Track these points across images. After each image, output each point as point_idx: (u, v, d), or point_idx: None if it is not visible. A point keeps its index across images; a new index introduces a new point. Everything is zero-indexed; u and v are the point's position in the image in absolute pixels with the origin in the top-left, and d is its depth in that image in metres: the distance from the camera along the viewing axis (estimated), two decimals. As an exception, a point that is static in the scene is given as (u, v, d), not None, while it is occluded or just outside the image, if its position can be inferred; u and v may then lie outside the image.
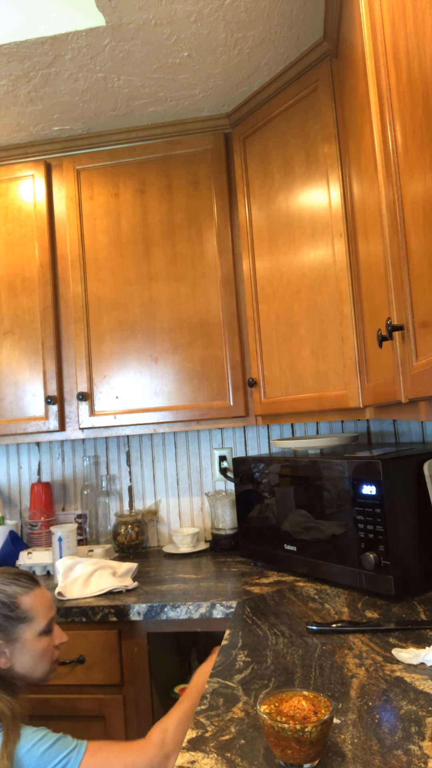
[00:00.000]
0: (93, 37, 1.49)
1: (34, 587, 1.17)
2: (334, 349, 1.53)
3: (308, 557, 1.52)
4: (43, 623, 1.14)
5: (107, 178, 1.93)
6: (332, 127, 1.52)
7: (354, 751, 0.77)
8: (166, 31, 1.49)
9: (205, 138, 1.89)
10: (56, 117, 1.85)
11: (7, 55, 1.54)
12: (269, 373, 1.74)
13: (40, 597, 1.17)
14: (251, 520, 1.71)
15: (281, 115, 1.69)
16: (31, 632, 1.12)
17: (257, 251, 1.78)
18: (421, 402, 0.85)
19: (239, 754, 0.79)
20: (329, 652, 1.08)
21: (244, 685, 0.98)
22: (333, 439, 1.66)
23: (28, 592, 1.15)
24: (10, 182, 1.98)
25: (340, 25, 1.36)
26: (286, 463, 1.60)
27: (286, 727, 0.73)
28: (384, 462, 1.33)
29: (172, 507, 2.14)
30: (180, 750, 0.92)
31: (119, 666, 1.46)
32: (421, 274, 0.74)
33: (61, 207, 1.96)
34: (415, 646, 1.07)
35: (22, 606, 1.12)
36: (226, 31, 1.51)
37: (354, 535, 1.38)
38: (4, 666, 1.09)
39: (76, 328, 1.90)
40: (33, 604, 1.14)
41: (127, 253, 1.90)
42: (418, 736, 0.79)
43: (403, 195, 0.81)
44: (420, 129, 0.69)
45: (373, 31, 0.95)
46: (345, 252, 1.49)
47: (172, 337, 1.86)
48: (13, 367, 1.93)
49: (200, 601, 1.44)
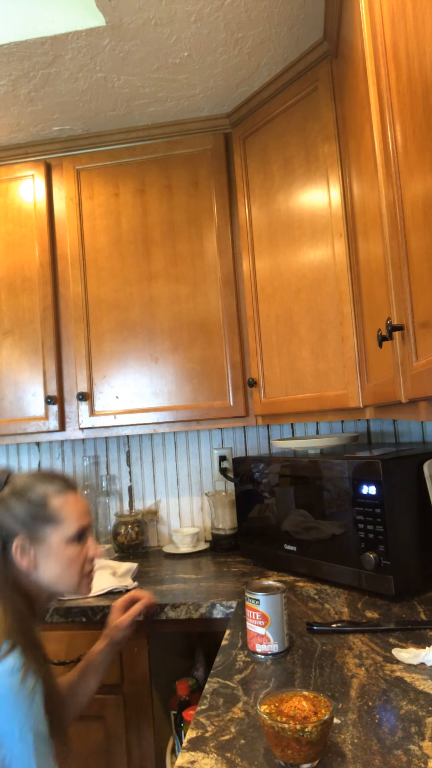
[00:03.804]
0: (93, 37, 1.49)
1: (68, 491, 1.10)
2: (334, 349, 1.53)
3: (308, 557, 1.52)
4: (72, 529, 1.07)
5: (107, 178, 1.93)
6: (332, 127, 1.52)
7: (354, 751, 0.77)
8: (166, 31, 1.49)
9: (205, 138, 1.89)
10: (56, 117, 1.85)
11: (7, 55, 1.54)
12: (269, 373, 1.74)
13: (73, 501, 1.10)
14: (251, 520, 1.71)
15: (281, 115, 1.69)
16: (59, 536, 1.05)
17: (257, 251, 1.78)
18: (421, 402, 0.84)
19: (239, 754, 0.79)
20: (329, 652, 1.08)
21: (244, 685, 0.98)
22: (333, 439, 1.66)
23: (60, 494, 1.08)
24: (10, 182, 1.98)
25: (340, 25, 1.36)
26: (286, 463, 1.60)
27: (286, 727, 0.73)
28: (384, 462, 1.33)
29: (172, 507, 2.14)
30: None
31: (119, 666, 1.46)
32: (421, 274, 0.74)
33: (61, 207, 1.96)
34: (415, 646, 1.07)
35: (50, 506, 1.06)
36: (226, 31, 1.51)
37: (354, 535, 1.38)
38: (29, 567, 1.03)
39: (76, 328, 1.90)
40: (63, 507, 1.07)
41: (127, 253, 1.90)
42: (418, 736, 0.79)
43: (403, 195, 0.81)
44: (420, 129, 0.69)
45: (373, 31, 0.95)
46: (345, 252, 1.49)
47: (172, 337, 1.86)
48: (13, 367, 1.93)
49: (200, 601, 1.44)
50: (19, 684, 0.87)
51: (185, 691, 1.54)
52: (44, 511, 1.05)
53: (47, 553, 1.05)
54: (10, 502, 1.05)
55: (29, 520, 1.04)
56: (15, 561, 1.03)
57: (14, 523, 1.03)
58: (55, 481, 1.10)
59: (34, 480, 1.09)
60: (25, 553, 1.03)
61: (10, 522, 1.03)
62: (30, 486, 1.07)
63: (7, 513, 1.04)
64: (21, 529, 1.03)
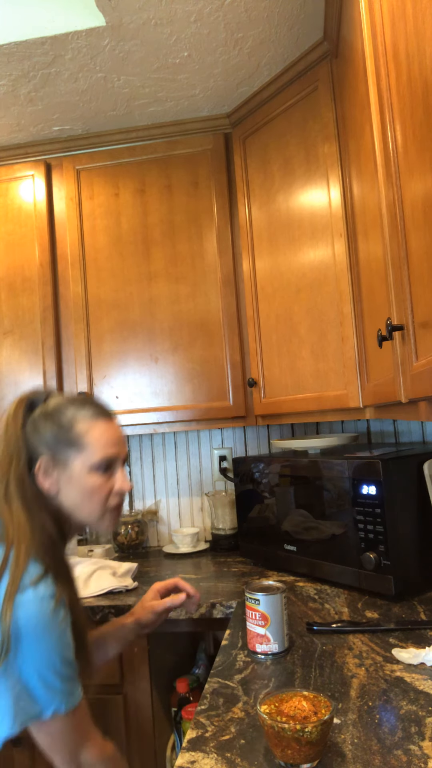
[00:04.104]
0: (93, 37, 1.49)
1: (100, 418, 1.05)
2: (334, 349, 1.53)
3: (308, 557, 1.52)
4: (96, 457, 1.02)
5: (107, 178, 1.93)
6: (332, 127, 1.52)
7: (354, 751, 0.77)
8: (166, 31, 1.49)
9: (205, 138, 1.89)
10: (56, 117, 1.85)
11: (7, 55, 1.54)
12: (269, 373, 1.74)
13: (103, 428, 1.04)
14: (251, 520, 1.71)
15: (281, 115, 1.69)
16: (81, 463, 1.01)
17: (257, 251, 1.78)
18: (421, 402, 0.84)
19: (239, 754, 0.79)
20: (329, 652, 1.08)
21: (244, 685, 0.98)
22: (333, 439, 1.66)
23: (89, 419, 1.03)
24: (10, 182, 1.98)
25: (340, 25, 1.36)
26: (286, 463, 1.60)
27: (286, 727, 0.73)
28: (384, 462, 1.33)
29: (172, 507, 2.14)
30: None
31: (119, 666, 1.46)
32: (421, 274, 0.74)
33: (61, 207, 1.96)
34: (415, 646, 1.07)
35: (76, 430, 1.02)
36: (226, 31, 1.51)
37: (354, 535, 1.38)
38: (51, 489, 1.01)
39: (76, 328, 1.90)
40: (89, 432, 1.02)
41: (127, 253, 1.90)
42: (418, 736, 0.79)
43: (403, 195, 0.81)
44: (420, 129, 0.69)
45: (373, 31, 0.95)
46: (345, 252, 1.49)
47: (172, 337, 1.86)
48: (13, 367, 1.93)
49: (200, 601, 1.44)
50: (51, 612, 0.87)
51: (185, 689, 1.54)
52: (69, 434, 1.01)
53: (69, 478, 1.01)
54: (40, 422, 1.03)
55: (53, 442, 1.01)
56: (38, 482, 1.01)
57: (40, 443, 1.01)
58: (87, 406, 1.05)
59: (67, 402, 1.05)
60: (47, 475, 1.01)
61: (36, 442, 1.01)
62: (61, 408, 1.04)
63: (35, 432, 1.02)
64: (45, 450, 1.01)
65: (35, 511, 0.97)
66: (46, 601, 0.88)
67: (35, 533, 0.95)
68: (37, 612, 0.87)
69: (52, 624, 0.87)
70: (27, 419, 1.04)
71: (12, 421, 1.03)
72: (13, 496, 0.97)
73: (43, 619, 0.87)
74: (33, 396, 1.07)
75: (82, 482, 1.01)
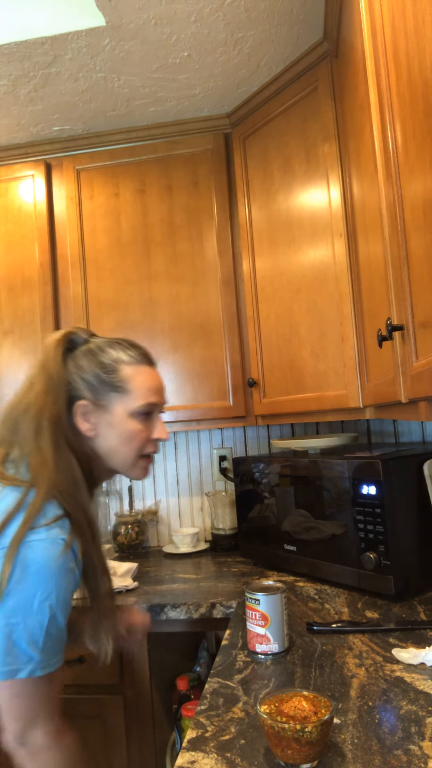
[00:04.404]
0: (93, 37, 1.49)
1: (143, 364, 1.03)
2: (334, 349, 1.53)
3: (308, 557, 1.52)
4: (138, 402, 1.00)
5: (107, 178, 1.93)
6: (332, 127, 1.52)
7: (354, 751, 0.77)
8: (166, 31, 1.49)
9: (205, 138, 1.89)
10: (56, 117, 1.85)
11: (7, 55, 1.54)
12: (269, 373, 1.74)
13: (146, 375, 1.03)
14: (251, 520, 1.71)
15: (281, 115, 1.69)
16: (123, 407, 0.99)
17: (257, 251, 1.78)
18: (421, 402, 0.84)
19: (239, 754, 0.79)
20: (329, 652, 1.08)
21: (244, 685, 0.98)
22: (333, 439, 1.66)
23: (134, 364, 1.02)
24: (10, 182, 1.97)
25: (340, 25, 1.36)
26: (286, 463, 1.60)
27: (286, 727, 0.73)
28: (384, 462, 1.33)
29: (172, 507, 2.14)
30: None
31: (119, 666, 1.46)
32: (421, 274, 0.74)
33: (61, 207, 1.96)
34: (415, 646, 1.07)
35: (119, 373, 1.00)
36: (226, 31, 1.51)
37: (354, 535, 1.38)
38: (88, 432, 0.99)
39: (76, 328, 1.90)
40: (133, 377, 1.00)
41: (128, 253, 1.90)
42: (418, 736, 0.79)
43: (403, 195, 0.81)
44: (420, 129, 0.69)
45: (373, 31, 0.95)
46: (345, 252, 1.49)
47: (172, 337, 1.86)
48: (13, 367, 1.93)
49: (200, 601, 1.44)
50: (57, 556, 0.83)
51: (185, 687, 1.54)
52: (112, 377, 0.99)
53: (108, 422, 0.99)
54: (82, 362, 1.00)
55: (96, 384, 0.99)
56: (76, 423, 0.98)
57: (82, 383, 0.99)
58: (132, 350, 1.03)
59: (111, 344, 1.03)
60: (86, 417, 0.99)
61: (78, 381, 0.99)
62: (106, 348, 1.02)
63: (77, 372, 0.99)
64: (87, 391, 0.98)
65: (64, 451, 0.93)
66: (57, 545, 0.83)
67: (59, 474, 0.90)
68: (44, 554, 0.82)
69: (57, 572, 0.83)
70: (67, 356, 1.01)
71: (53, 356, 1.00)
72: (45, 434, 0.93)
73: (48, 564, 0.82)
74: (73, 334, 1.04)
75: (122, 427, 0.99)
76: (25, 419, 0.96)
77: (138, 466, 1.04)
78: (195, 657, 1.79)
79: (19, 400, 1.01)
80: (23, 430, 0.95)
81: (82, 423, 0.98)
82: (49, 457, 0.91)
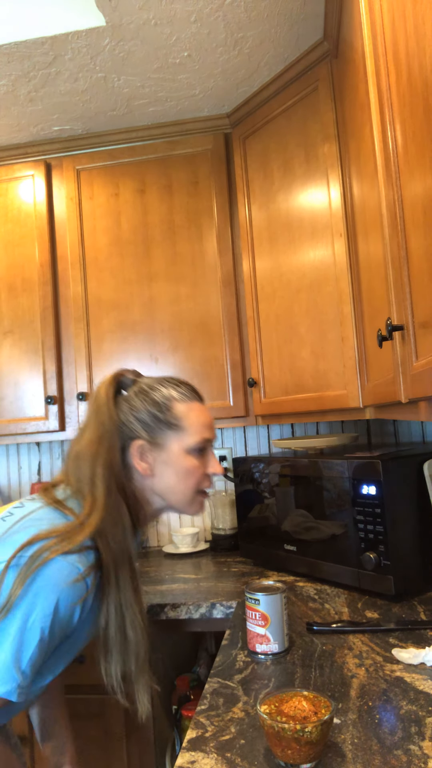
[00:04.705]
0: (93, 37, 1.49)
1: (194, 400, 1.05)
2: (334, 349, 1.53)
3: (308, 557, 1.52)
4: (193, 439, 1.01)
5: (107, 178, 1.93)
6: (332, 127, 1.52)
7: (354, 751, 0.77)
8: (166, 31, 1.49)
9: (205, 138, 1.89)
10: (56, 117, 1.85)
11: (7, 55, 1.54)
12: (269, 373, 1.74)
13: (199, 411, 1.04)
14: (251, 520, 1.71)
15: (281, 115, 1.69)
16: (179, 444, 1.00)
17: (257, 251, 1.78)
18: (421, 402, 0.84)
19: (239, 754, 0.79)
20: (329, 652, 1.08)
21: (244, 685, 0.98)
22: (333, 439, 1.66)
23: (185, 401, 1.03)
24: (10, 182, 1.98)
25: (340, 25, 1.36)
26: (286, 463, 1.60)
27: (286, 727, 0.73)
28: (384, 462, 1.33)
29: (172, 507, 2.14)
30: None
31: (119, 666, 1.46)
32: (421, 274, 0.74)
33: (61, 207, 1.96)
34: (415, 646, 1.07)
35: (174, 411, 1.01)
36: (226, 31, 1.51)
37: (354, 535, 1.38)
38: (145, 472, 0.99)
39: (76, 328, 1.90)
40: (187, 415, 1.02)
41: (127, 253, 1.90)
42: (418, 736, 0.79)
43: (403, 195, 0.81)
44: (420, 129, 0.69)
45: (373, 31, 0.95)
46: (345, 252, 1.49)
47: (172, 337, 1.86)
48: (13, 367, 1.93)
49: (200, 601, 1.44)
50: (66, 582, 0.82)
51: (185, 687, 1.54)
52: (167, 415, 1.00)
53: (166, 460, 1.00)
54: (135, 402, 1.01)
55: (151, 422, 1.00)
56: (132, 464, 0.99)
57: (137, 423, 1.00)
58: (181, 387, 1.05)
59: (160, 382, 1.05)
60: (143, 456, 0.99)
61: (132, 422, 1.00)
62: (155, 387, 1.03)
63: (131, 412, 1.01)
64: (142, 431, 0.99)
65: (116, 498, 0.93)
66: (70, 573, 0.82)
67: (107, 522, 0.90)
68: (53, 576, 0.81)
69: (60, 596, 0.81)
70: (118, 398, 1.02)
71: (104, 401, 1.00)
72: (99, 481, 0.93)
73: (53, 586, 0.81)
74: (121, 376, 1.06)
75: (179, 464, 1.00)
76: (82, 464, 0.96)
77: (195, 501, 1.04)
78: (195, 657, 1.79)
79: (76, 444, 1.01)
80: (82, 472, 0.95)
81: (139, 463, 0.99)
82: (101, 505, 0.91)
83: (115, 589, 0.90)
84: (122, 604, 0.91)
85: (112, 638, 0.91)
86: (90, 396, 1.04)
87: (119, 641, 0.92)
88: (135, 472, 1.01)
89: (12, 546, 0.85)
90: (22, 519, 0.91)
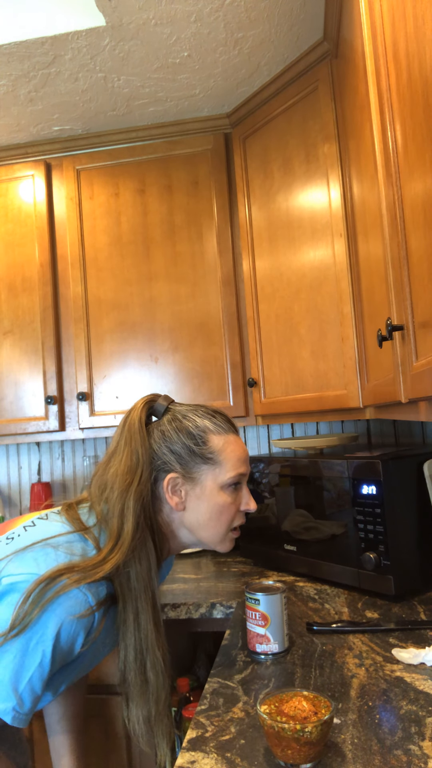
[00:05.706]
0: (93, 37, 1.49)
1: (230, 432, 1.00)
2: (334, 349, 1.53)
3: (308, 557, 1.52)
4: (229, 475, 0.96)
5: (107, 178, 1.93)
6: (332, 127, 1.52)
7: (354, 751, 0.77)
8: (166, 31, 1.49)
9: (205, 138, 1.89)
10: (56, 117, 1.85)
11: (7, 55, 1.54)
12: (269, 373, 1.74)
13: (235, 445, 0.99)
14: (251, 520, 1.71)
15: (281, 115, 1.69)
16: (213, 479, 0.96)
17: (257, 251, 1.78)
18: (421, 402, 0.84)
19: (239, 754, 0.79)
20: (329, 652, 1.08)
21: (244, 685, 0.98)
22: (333, 439, 1.66)
23: (222, 433, 0.98)
24: (10, 182, 1.98)
25: (340, 25, 1.36)
26: (286, 463, 1.60)
27: (286, 727, 0.73)
28: (384, 462, 1.33)
29: (172, 507, 2.14)
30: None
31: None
32: (421, 274, 0.74)
33: (61, 207, 1.96)
34: (415, 646, 1.07)
35: (209, 444, 0.96)
36: (226, 31, 1.51)
37: (354, 535, 1.38)
38: (178, 507, 0.95)
39: (76, 328, 1.90)
40: (223, 448, 0.97)
41: (128, 253, 1.90)
42: (418, 736, 0.79)
43: (403, 195, 0.81)
44: (420, 129, 0.69)
45: (373, 32, 0.95)
46: (345, 252, 1.49)
47: (172, 337, 1.86)
48: (13, 367, 1.93)
49: (200, 601, 1.44)
50: (74, 611, 0.80)
51: (185, 688, 1.54)
52: (203, 448, 0.96)
53: (199, 495, 0.95)
54: (169, 432, 0.97)
55: (186, 455, 0.95)
56: (163, 496, 0.95)
57: (170, 455, 0.95)
58: (217, 417, 1.00)
59: (195, 411, 0.99)
60: (176, 490, 0.95)
61: (166, 453, 0.96)
62: (189, 417, 0.98)
63: (164, 443, 0.96)
64: (176, 464, 0.95)
65: (144, 535, 0.90)
66: (80, 604, 0.81)
67: (132, 562, 0.87)
68: (62, 604, 0.80)
69: (66, 625, 0.80)
70: (150, 425, 0.98)
71: (138, 428, 0.96)
72: (129, 514, 0.89)
73: (61, 613, 0.80)
74: (152, 402, 1.02)
75: (213, 500, 0.96)
76: (112, 494, 0.92)
77: (227, 539, 1.00)
78: (195, 658, 1.79)
79: (105, 470, 0.97)
80: (112, 503, 0.91)
81: (171, 497, 0.96)
82: (127, 542, 0.87)
83: (134, 627, 0.87)
84: (143, 646, 0.88)
85: (132, 681, 0.89)
86: (121, 421, 1.00)
87: (139, 684, 0.89)
88: (165, 505, 0.97)
89: (27, 566, 0.83)
90: (45, 541, 0.88)
